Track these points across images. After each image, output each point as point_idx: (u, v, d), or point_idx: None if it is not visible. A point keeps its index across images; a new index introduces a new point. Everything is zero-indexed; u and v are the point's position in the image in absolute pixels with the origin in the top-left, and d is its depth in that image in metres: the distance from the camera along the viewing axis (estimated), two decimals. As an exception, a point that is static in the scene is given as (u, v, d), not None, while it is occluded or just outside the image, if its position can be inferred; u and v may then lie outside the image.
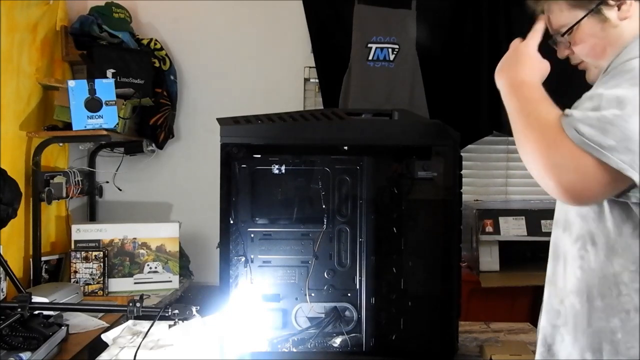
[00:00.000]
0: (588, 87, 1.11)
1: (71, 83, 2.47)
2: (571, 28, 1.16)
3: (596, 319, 1.09)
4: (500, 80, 1.17)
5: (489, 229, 2.84)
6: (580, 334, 1.11)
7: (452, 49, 3.04)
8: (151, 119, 2.92)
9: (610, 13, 1.13)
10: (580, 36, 1.16)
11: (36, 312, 1.69)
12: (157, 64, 2.97)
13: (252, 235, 1.65)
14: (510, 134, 1.11)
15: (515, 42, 1.21)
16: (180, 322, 1.44)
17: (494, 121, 3.01)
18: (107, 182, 3.07)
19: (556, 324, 1.17)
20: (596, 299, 1.09)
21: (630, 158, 0.95)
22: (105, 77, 2.70)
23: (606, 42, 1.15)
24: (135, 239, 2.67)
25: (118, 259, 2.64)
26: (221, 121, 1.57)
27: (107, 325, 2.05)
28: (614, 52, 1.13)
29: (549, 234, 1.24)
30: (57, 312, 1.90)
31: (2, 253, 1.94)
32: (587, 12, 1.13)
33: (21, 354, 1.60)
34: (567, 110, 1.02)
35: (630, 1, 1.12)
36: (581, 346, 1.11)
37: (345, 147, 1.57)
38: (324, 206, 1.65)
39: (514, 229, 2.82)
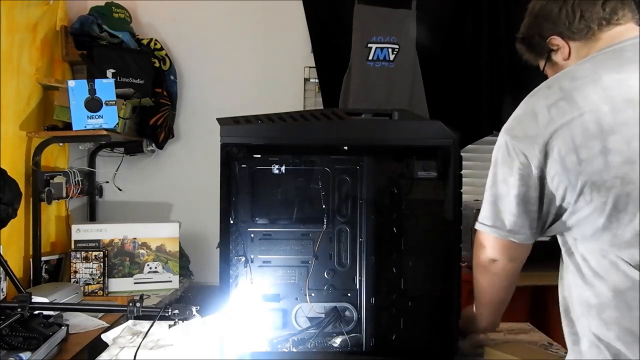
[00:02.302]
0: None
1: (71, 83, 2.47)
2: (542, 72, 1.39)
3: None
4: None
5: (489, 229, 2.82)
6: None
7: (452, 49, 3.04)
8: (151, 119, 2.92)
9: (557, 57, 1.34)
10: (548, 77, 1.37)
11: (36, 312, 1.69)
12: (157, 64, 2.97)
13: (252, 235, 1.64)
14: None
15: None
16: (180, 322, 1.44)
17: (494, 121, 3.01)
18: (107, 182, 3.08)
19: None
20: None
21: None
22: (105, 77, 2.70)
23: None
24: (135, 239, 2.67)
25: (118, 259, 2.64)
26: (221, 121, 1.56)
27: (107, 325, 2.05)
28: None
29: (548, 235, 1.23)
30: (57, 312, 1.90)
31: (2, 253, 1.94)
32: (545, 62, 1.37)
33: (21, 354, 1.60)
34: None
35: (562, 44, 1.30)
36: None
37: (345, 147, 1.57)
38: (324, 206, 1.65)
39: (513, 229, 2.80)
